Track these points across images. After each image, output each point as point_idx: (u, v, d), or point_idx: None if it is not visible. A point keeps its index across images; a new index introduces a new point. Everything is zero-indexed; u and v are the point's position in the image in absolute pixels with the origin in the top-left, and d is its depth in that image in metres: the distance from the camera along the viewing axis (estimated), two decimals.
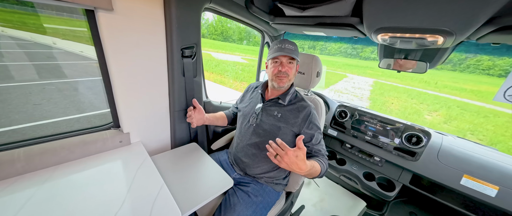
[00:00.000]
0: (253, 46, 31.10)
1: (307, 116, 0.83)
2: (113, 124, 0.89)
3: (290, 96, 0.89)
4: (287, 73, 0.83)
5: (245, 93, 1.08)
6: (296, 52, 0.83)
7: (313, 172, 0.70)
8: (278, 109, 0.87)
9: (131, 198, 0.61)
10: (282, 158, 0.61)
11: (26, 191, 0.59)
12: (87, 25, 0.69)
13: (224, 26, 35.73)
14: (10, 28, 7.33)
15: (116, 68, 0.76)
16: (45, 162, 0.69)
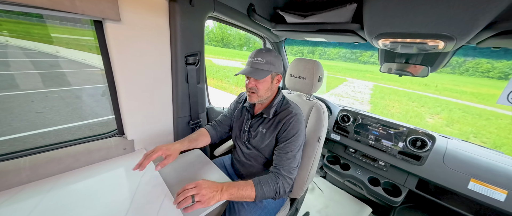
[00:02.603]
0: None
1: (286, 120, 0.77)
2: (117, 132, 0.89)
3: (275, 108, 0.83)
4: (255, 89, 0.77)
5: (236, 103, 1.00)
6: (267, 65, 0.74)
7: (243, 196, 0.64)
8: (264, 125, 0.83)
9: (136, 206, 0.60)
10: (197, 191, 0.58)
11: (31, 200, 0.59)
12: (94, 34, 0.71)
13: (224, 33, 36.37)
14: (15, 38, 7.48)
15: (122, 76, 0.77)
16: (50, 171, 0.69)
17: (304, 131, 0.81)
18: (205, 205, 0.59)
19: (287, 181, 0.72)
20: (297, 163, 0.77)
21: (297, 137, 0.75)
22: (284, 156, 0.74)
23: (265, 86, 0.77)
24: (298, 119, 0.78)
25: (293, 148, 0.74)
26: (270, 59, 0.75)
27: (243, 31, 1.34)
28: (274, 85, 0.81)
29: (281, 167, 0.72)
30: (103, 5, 0.60)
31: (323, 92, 4.80)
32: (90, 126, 2.76)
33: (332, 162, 1.54)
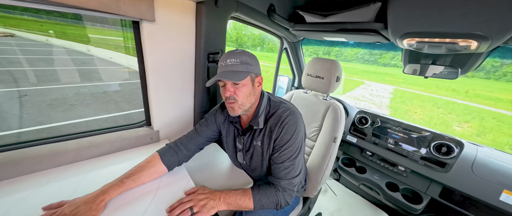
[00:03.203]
0: (267, 52, 31.46)
1: (278, 125, 0.66)
2: (145, 122, 0.97)
3: (263, 115, 0.70)
4: (234, 98, 0.63)
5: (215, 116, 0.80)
6: (243, 66, 0.62)
7: (241, 206, 0.62)
8: (257, 138, 0.72)
9: (162, 191, 0.66)
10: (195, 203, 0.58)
11: (75, 178, 0.68)
12: (120, 34, 0.79)
13: (239, 34, 36.89)
14: (53, 37, 8.35)
15: (152, 72, 0.84)
16: (91, 154, 0.78)
17: (302, 130, 0.69)
18: (205, 215, 0.57)
19: (288, 193, 0.65)
20: (299, 169, 0.67)
21: (293, 141, 0.65)
22: (281, 166, 0.65)
23: (245, 91, 0.64)
24: (291, 119, 0.66)
25: (290, 155, 0.65)
26: (246, 59, 0.63)
27: (261, 31, 1.37)
28: (257, 88, 0.68)
29: (281, 179, 0.65)
30: (141, 7, 0.67)
31: (339, 93, 4.66)
32: (115, 119, 3.00)
33: (347, 165, 1.51)
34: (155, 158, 0.69)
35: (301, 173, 0.70)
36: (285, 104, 0.72)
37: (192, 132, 0.79)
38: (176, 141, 0.77)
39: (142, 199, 0.61)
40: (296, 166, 0.67)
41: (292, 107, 0.72)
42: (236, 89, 0.63)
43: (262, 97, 0.72)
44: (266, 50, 36.07)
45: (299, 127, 0.67)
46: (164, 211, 0.57)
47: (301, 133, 0.69)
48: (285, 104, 0.72)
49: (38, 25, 10.08)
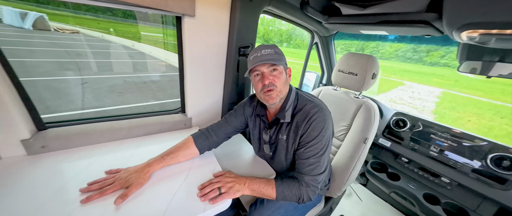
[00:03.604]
0: (293, 48, 30.51)
1: (306, 122, 0.66)
2: (181, 110, 1.08)
3: (291, 109, 0.71)
4: (274, 85, 0.66)
5: (244, 107, 0.84)
6: (277, 55, 0.66)
7: (264, 194, 0.66)
8: (283, 131, 0.73)
9: (194, 171, 0.73)
10: (223, 184, 0.63)
11: (127, 152, 0.80)
12: (159, 31, 0.87)
13: (266, 29, 36.65)
14: (105, 34, 9.72)
15: (189, 63, 0.92)
16: (138, 132, 0.91)
17: (330, 128, 0.68)
18: (231, 196, 0.62)
19: (311, 189, 0.66)
20: (324, 167, 0.67)
21: (321, 138, 0.64)
22: (306, 162, 0.66)
23: (282, 78, 0.67)
24: (320, 116, 0.65)
25: (316, 152, 0.65)
26: (278, 51, 0.67)
27: (289, 26, 1.35)
28: (288, 80, 0.72)
29: (305, 175, 0.65)
30: (185, 4, 0.74)
31: (373, 93, 4.22)
32: (152, 107, 3.37)
33: (377, 170, 1.40)
34: (189, 141, 0.77)
35: (325, 171, 0.69)
36: (314, 100, 0.71)
37: (222, 121, 0.84)
38: (208, 127, 0.83)
39: (179, 175, 0.69)
40: (321, 163, 0.66)
41: (321, 103, 0.70)
42: (274, 76, 0.66)
43: (290, 91, 0.73)
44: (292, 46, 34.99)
45: (328, 125, 0.66)
46: (196, 187, 0.64)
47: (329, 131, 0.68)
48: (314, 100, 0.71)
49: (96, 23, 11.84)
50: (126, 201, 0.56)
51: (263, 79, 0.65)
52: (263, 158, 0.90)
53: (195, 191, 0.63)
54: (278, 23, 46.37)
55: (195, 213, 0.56)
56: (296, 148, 0.70)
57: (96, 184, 0.60)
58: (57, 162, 0.70)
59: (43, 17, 7.85)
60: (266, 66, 0.65)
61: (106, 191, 0.57)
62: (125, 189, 0.59)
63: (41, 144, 0.72)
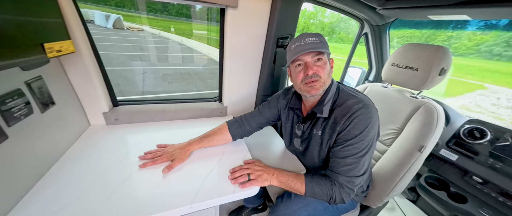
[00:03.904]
0: (336, 43, 27.93)
1: (346, 118, 0.59)
2: (218, 98, 1.16)
3: (330, 103, 0.65)
4: (318, 75, 0.61)
5: (278, 99, 0.83)
6: (322, 44, 0.61)
7: (292, 188, 0.65)
8: (318, 127, 0.68)
9: (226, 156, 0.78)
10: (252, 172, 0.65)
11: (173, 130, 0.93)
12: (203, 27, 0.92)
13: (306, 22, 34.62)
14: (162, 31, 11.23)
15: (228, 54, 0.97)
16: (182, 115, 1.04)
17: (375, 128, 0.60)
18: (259, 184, 0.64)
19: (346, 191, 0.60)
20: (363, 170, 0.61)
21: (362, 137, 0.58)
22: (342, 161, 0.60)
23: (327, 69, 0.62)
24: (364, 113, 0.58)
25: (355, 152, 0.59)
26: (323, 39, 0.62)
27: (333, 19, 1.23)
28: (331, 71, 0.66)
29: (340, 175, 0.60)
30: None
31: (439, 95, 3.41)
32: (193, 97, 3.75)
33: (434, 186, 1.16)
34: (224, 127, 0.82)
35: (364, 175, 0.62)
36: (358, 95, 0.64)
37: (256, 111, 0.86)
38: (241, 116, 0.86)
39: (213, 158, 0.75)
40: (360, 165, 0.60)
41: (366, 99, 0.63)
42: (318, 66, 0.61)
43: (331, 84, 0.67)
44: (335, 41, 32.01)
45: (373, 124, 0.59)
46: (227, 170, 0.69)
47: (374, 131, 0.60)
48: (358, 95, 0.64)
49: (155, 22, 13.84)
50: (170, 172, 0.66)
51: (306, 70, 0.61)
52: (293, 153, 0.87)
53: (227, 174, 0.67)
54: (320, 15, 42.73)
55: (225, 194, 0.60)
56: (332, 145, 0.64)
57: (150, 154, 0.72)
58: (124, 133, 0.87)
59: (120, 18, 9.75)
60: (311, 56, 0.60)
61: (157, 161, 0.69)
62: (170, 161, 0.69)
63: (115, 117, 0.91)
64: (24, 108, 0.55)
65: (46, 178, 0.59)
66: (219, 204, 0.62)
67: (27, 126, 0.56)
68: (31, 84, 0.58)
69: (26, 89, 0.57)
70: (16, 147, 0.52)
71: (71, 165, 0.65)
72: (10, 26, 0.43)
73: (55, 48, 0.54)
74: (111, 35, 8.20)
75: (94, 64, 0.80)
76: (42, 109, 0.62)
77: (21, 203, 0.51)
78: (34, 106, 0.59)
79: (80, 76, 0.77)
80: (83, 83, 0.79)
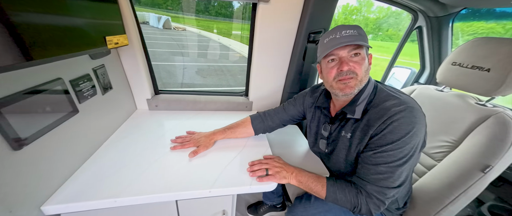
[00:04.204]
0: (382, 41, 24.69)
1: (382, 121, 0.52)
2: (245, 93, 1.18)
3: (363, 104, 0.58)
4: (353, 72, 0.54)
5: (304, 97, 0.81)
6: (361, 37, 0.53)
7: (312, 189, 0.61)
8: (347, 128, 0.61)
9: (247, 149, 0.80)
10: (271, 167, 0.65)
11: (201, 120, 1.00)
12: (242, 26, 0.95)
13: (347, 19, 31.71)
14: (202, 30, 12.17)
15: (257, 49, 0.97)
16: (210, 107, 1.11)
17: (420, 135, 0.51)
18: (276, 180, 0.63)
19: (374, 202, 0.53)
20: (400, 181, 0.52)
21: (402, 144, 0.49)
22: (373, 168, 0.53)
23: (365, 65, 0.55)
24: (406, 116, 0.49)
25: (390, 160, 0.51)
26: (362, 32, 0.54)
27: (380, 14, 1.07)
28: (369, 68, 0.58)
29: (369, 183, 0.54)
30: None
31: None
32: (222, 91, 3.95)
33: None
34: (247, 121, 0.84)
35: (401, 188, 0.53)
36: (401, 97, 0.55)
37: (280, 107, 0.85)
38: (265, 112, 0.87)
39: (234, 149, 0.78)
40: (396, 176, 0.52)
41: (411, 102, 0.53)
42: (355, 62, 0.54)
43: (368, 82, 0.60)
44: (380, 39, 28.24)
45: (417, 131, 0.50)
46: (247, 163, 0.70)
47: (418, 140, 0.51)
48: (401, 97, 0.55)
49: (196, 22, 15.10)
50: (195, 157, 0.72)
51: (341, 65, 0.54)
52: (317, 154, 0.82)
53: (246, 166, 0.69)
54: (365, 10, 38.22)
55: (242, 184, 0.62)
56: (362, 149, 0.58)
57: (179, 139, 0.81)
58: (161, 118, 0.99)
59: (168, 19, 11.03)
60: (347, 50, 0.54)
61: (185, 145, 0.76)
62: (196, 147, 0.75)
63: (155, 103, 1.04)
64: (91, 90, 0.68)
65: (101, 149, 0.72)
66: (236, 193, 0.64)
67: (92, 105, 0.69)
68: (96, 71, 0.72)
69: (93, 74, 0.70)
70: (84, 121, 0.65)
71: (119, 140, 0.78)
72: (87, 25, 0.54)
73: (114, 40, 0.65)
74: (160, 34, 9.35)
75: (142, 56, 0.93)
76: (103, 92, 0.76)
77: (85, 165, 0.64)
78: (97, 89, 0.72)
79: (131, 66, 0.91)
80: (133, 72, 0.93)
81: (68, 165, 0.59)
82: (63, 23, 0.46)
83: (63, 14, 0.46)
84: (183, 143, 0.77)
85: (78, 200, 0.52)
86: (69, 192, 0.53)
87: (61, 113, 0.56)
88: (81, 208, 0.52)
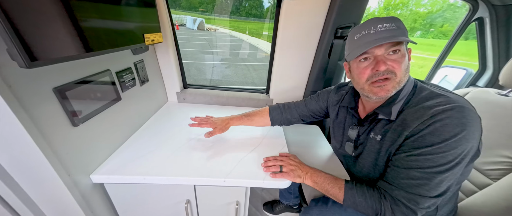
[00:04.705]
0: (433, 39, 21.23)
1: (423, 120, 0.44)
2: (266, 90, 1.19)
3: (400, 104, 0.51)
4: (392, 72, 0.47)
5: (328, 94, 0.76)
6: (401, 31, 0.46)
7: (328, 192, 0.58)
8: (377, 130, 0.55)
9: (264, 144, 0.80)
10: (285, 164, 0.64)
11: (222, 114, 1.03)
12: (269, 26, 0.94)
13: (389, 14, 28.33)
14: (232, 30, 12.64)
15: (279, 46, 0.96)
16: (232, 102, 1.15)
17: (471, 142, 0.42)
18: (290, 178, 0.61)
19: (401, 210, 0.47)
20: (438, 191, 0.44)
21: (446, 148, 0.42)
22: (404, 172, 0.46)
23: (405, 63, 0.48)
24: (455, 116, 0.41)
25: (428, 164, 0.43)
26: (401, 25, 0.47)
27: (434, 5, 0.92)
28: (409, 65, 0.50)
29: (396, 188, 0.47)
30: None
31: None
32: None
33: None
34: (265, 110, 0.84)
35: (438, 199, 0.45)
36: (448, 95, 0.47)
37: (301, 101, 0.83)
38: (285, 103, 0.84)
39: (251, 143, 0.80)
40: (433, 184, 0.44)
41: (461, 101, 0.45)
42: (394, 61, 0.47)
43: (408, 80, 0.52)
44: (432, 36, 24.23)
45: (467, 135, 0.41)
46: (262, 158, 0.71)
47: (469, 146, 0.42)
48: (448, 95, 0.47)
49: (227, 23, 15.78)
50: (213, 148, 0.76)
51: (377, 65, 0.48)
52: (342, 158, 0.76)
53: (260, 161, 0.69)
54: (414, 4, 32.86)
55: (256, 178, 0.62)
56: (394, 152, 0.51)
57: (198, 118, 0.84)
58: (188, 110, 1.08)
59: (202, 21, 11.86)
60: (384, 47, 0.47)
61: (202, 124, 0.79)
62: (212, 129, 0.77)
63: (183, 97, 1.14)
64: (131, 81, 0.79)
65: (137, 133, 0.83)
66: (249, 186, 0.65)
67: (131, 94, 0.80)
68: (137, 65, 0.83)
69: (134, 68, 0.81)
70: (125, 107, 0.76)
71: (152, 127, 0.89)
72: (131, 25, 0.64)
73: (150, 38, 0.74)
74: (194, 35, 10.11)
75: (174, 53, 1.03)
76: (141, 84, 0.87)
77: (123, 145, 0.75)
78: (137, 80, 0.83)
79: (165, 62, 1.02)
80: (166, 67, 1.04)
81: (111, 144, 0.70)
82: (114, 24, 0.55)
83: (115, 18, 0.56)
84: (200, 123, 0.79)
85: (117, 173, 0.61)
86: (111, 166, 0.63)
87: (108, 99, 0.66)
88: (119, 180, 0.61)
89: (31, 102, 0.43)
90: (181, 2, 10.97)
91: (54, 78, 0.49)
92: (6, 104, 0.38)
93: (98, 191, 0.64)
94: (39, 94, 0.45)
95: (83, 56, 0.46)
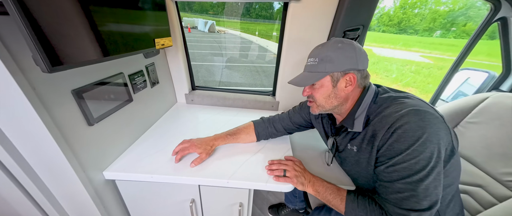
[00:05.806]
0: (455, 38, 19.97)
1: (387, 129, 0.46)
2: (272, 93, 1.19)
3: (363, 116, 0.54)
4: (313, 97, 0.59)
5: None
6: (322, 64, 0.54)
7: (329, 202, 0.58)
8: (353, 142, 0.58)
9: (268, 148, 0.80)
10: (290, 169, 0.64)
11: (229, 116, 1.07)
12: (276, 27, 0.94)
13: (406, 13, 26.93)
14: (241, 32, 12.78)
15: (285, 49, 0.96)
16: (239, 104, 1.16)
17: (435, 141, 0.43)
18: (293, 184, 0.62)
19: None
20: (429, 202, 0.43)
21: (414, 154, 0.43)
22: (390, 187, 0.47)
23: (323, 92, 0.56)
24: (411, 121, 0.43)
25: (405, 174, 0.44)
26: (328, 55, 0.53)
27: (453, 5, 0.87)
28: (343, 89, 0.55)
29: (390, 205, 0.47)
30: None
31: None
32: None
33: None
34: (250, 126, 0.81)
35: (433, 210, 0.44)
36: (405, 100, 0.49)
37: (285, 114, 0.83)
38: (269, 118, 0.84)
39: (255, 146, 0.81)
40: (420, 194, 0.43)
41: (418, 104, 0.47)
42: (312, 89, 0.59)
43: (363, 94, 0.56)
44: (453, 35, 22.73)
45: (430, 136, 0.43)
46: (266, 160, 0.71)
47: (436, 146, 0.43)
48: (405, 100, 0.49)
49: (236, 24, 15.98)
50: (218, 150, 0.77)
51: (303, 90, 0.62)
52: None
53: (265, 164, 0.70)
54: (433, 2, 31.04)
55: (259, 180, 0.63)
56: (373, 164, 0.53)
57: (177, 148, 0.70)
58: (195, 111, 1.11)
59: (213, 23, 12.12)
60: None
61: (185, 151, 0.69)
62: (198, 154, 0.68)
63: (192, 98, 1.17)
64: (142, 83, 0.83)
65: (146, 133, 0.87)
66: (252, 188, 0.66)
67: (142, 96, 0.84)
68: (148, 68, 0.87)
69: (145, 71, 0.85)
70: (136, 108, 0.80)
71: (161, 127, 0.92)
72: (143, 30, 0.67)
73: (161, 42, 0.77)
74: (205, 37, 10.36)
75: (183, 56, 1.07)
76: (152, 86, 0.91)
77: (134, 145, 0.78)
78: (148, 83, 0.87)
79: (174, 64, 1.06)
80: (176, 70, 1.08)
81: (122, 143, 0.73)
82: (128, 29, 0.59)
83: (130, 23, 0.60)
84: (182, 150, 0.69)
85: (127, 171, 0.64)
86: (122, 164, 0.67)
87: (121, 100, 0.70)
88: (128, 178, 0.65)
89: (52, 103, 0.47)
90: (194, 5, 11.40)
91: (72, 80, 0.53)
92: (30, 105, 0.42)
93: (110, 187, 0.67)
94: (59, 95, 0.49)
95: (100, 61, 0.49)
